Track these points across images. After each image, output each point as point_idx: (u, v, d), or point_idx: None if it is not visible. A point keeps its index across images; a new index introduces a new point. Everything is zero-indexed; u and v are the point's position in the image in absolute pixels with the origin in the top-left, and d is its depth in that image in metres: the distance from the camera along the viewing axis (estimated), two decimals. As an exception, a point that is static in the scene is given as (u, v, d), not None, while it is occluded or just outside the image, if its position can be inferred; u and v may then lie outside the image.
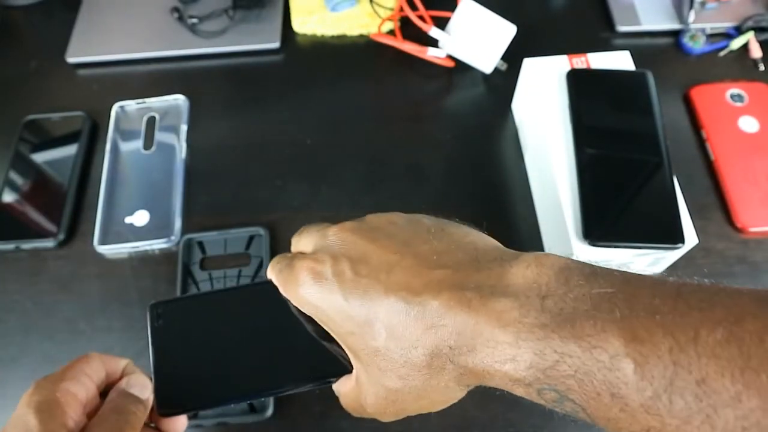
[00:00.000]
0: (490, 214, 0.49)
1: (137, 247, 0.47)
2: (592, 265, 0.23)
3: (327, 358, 0.29)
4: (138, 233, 0.48)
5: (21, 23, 0.63)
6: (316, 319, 0.28)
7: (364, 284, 0.25)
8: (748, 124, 0.52)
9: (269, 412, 0.41)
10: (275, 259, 0.29)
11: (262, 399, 0.39)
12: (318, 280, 0.26)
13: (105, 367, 0.30)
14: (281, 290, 0.28)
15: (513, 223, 0.49)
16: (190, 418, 0.40)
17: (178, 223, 0.48)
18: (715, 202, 0.49)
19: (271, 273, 0.29)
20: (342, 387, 0.29)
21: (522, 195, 0.50)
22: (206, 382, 0.31)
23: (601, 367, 0.20)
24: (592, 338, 0.20)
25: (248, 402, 0.37)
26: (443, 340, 0.23)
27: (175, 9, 0.60)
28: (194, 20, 0.59)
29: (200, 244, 0.48)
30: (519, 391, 0.23)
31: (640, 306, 0.20)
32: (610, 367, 0.19)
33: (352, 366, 0.28)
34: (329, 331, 0.27)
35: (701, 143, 0.52)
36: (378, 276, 0.25)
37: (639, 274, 0.22)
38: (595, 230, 0.40)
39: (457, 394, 0.26)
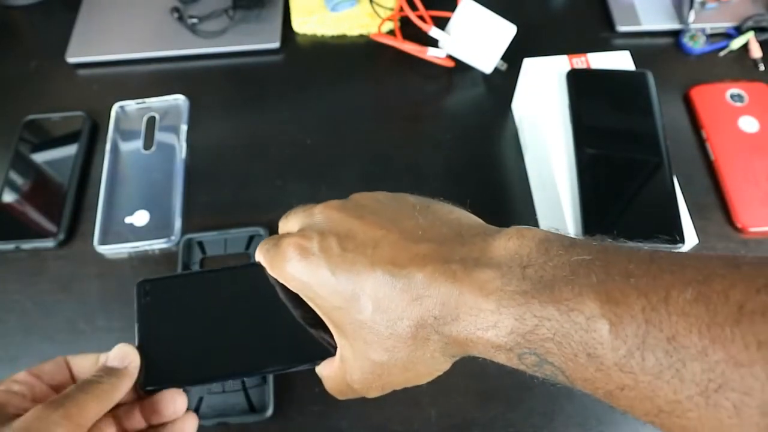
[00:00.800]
0: (490, 214, 0.49)
1: (137, 247, 0.47)
2: (571, 236, 0.24)
3: (311, 342, 0.29)
4: (138, 233, 0.48)
5: (21, 23, 0.63)
6: (302, 296, 0.28)
7: (350, 259, 0.25)
8: (748, 124, 0.52)
9: (269, 412, 0.41)
10: (263, 241, 0.30)
11: (244, 378, 0.38)
12: (305, 255, 0.26)
13: (70, 364, 0.31)
14: (269, 269, 0.29)
15: (513, 223, 0.49)
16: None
17: (178, 223, 0.48)
18: (715, 202, 0.49)
19: (259, 254, 0.29)
20: (325, 369, 0.30)
21: (522, 195, 0.50)
22: (190, 359, 0.31)
23: (578, 328, 0.20)
24: (569, 302, 0.21)
25: (231, 380, 0.36)
26: (428, 311, 0.24)
27: (175, 9, 0.60)
28: (194, 20, 0.59)
29: (200, 244, 0.48)
30: (501, 358, 0.23)
31: (616, 271, 0.21)
32: (587, 328, 0.20)
33: (335, 350, 0.29)
34: (315, 308, 0.28)
35: (701, 143, 0.52)
36: (364, 251, 0.25)
37: (615, 244, 0.23)
38: (595, 230, 0.40)
39: (441, 365, 0.26)
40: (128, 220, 0.49)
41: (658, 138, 0.43)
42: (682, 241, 0.39)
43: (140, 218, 0.49)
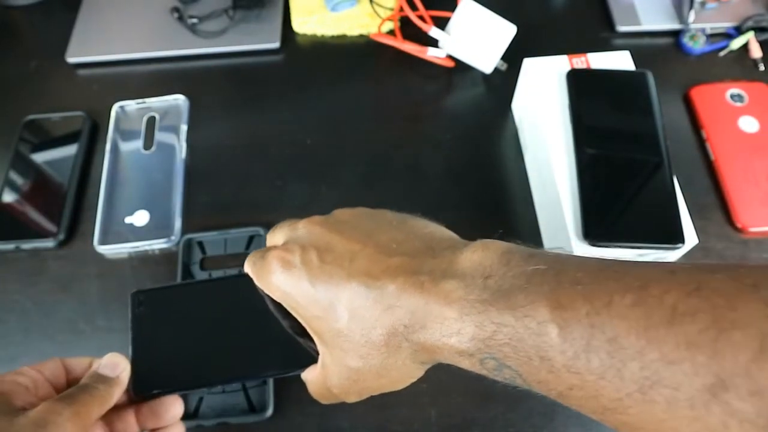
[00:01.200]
0: (490, 214, 0.49)
1: (137, 247, 0.47)
2: (532, 249, 0.25)
3: (297, 350, 0.31)
4: (138, 233, 0.48)
5: (21, 23, 0.63)
6: (286, 306, 0.29)
7: (328, 271, 0.27)
8: (748, 124, 0.52)
9: (269, 412, 0.41)
10: (251, 254, 0.31)
11: (232, 384, 0.39)
12: (287, 267, 0.28)
13: (66, 365, 0.32)
14: (255, 280, 0.30)
15: (513, 223, 0.49)
16: (189, 418, 0.40)
17: (178, 223, 0.48)
18: (715, 202, 0.49)
19: (247, 266, 0.31)
20: (309, 374, 0.32)
21: (522, 195, 0.50)
22: (181, 367, 0.33)
23: (530, 333, 0.22)
24: (523, 308, 0.22)
25: (219, 386, 0.37)
26: (399, 320, 0.25)
27: (175, 9, 0.60)
28: (194, 20, 0.59)
29: (200, 244, 0.48)
30: (465, 363, 0.25)
31: (566, 279, 0.22)
32: (538, 332, 0.22)
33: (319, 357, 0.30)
34: (298, 317, 0.29)
35: (701, 143, 0.52)
36: (342, 263, 0.27)
37: (571, 255, 0.25)
38: (595, 230, 0.40)
39: (414, 372, 0.28)
40: (128, 220, 0.49)
41: (658, 138, 0.43)
42: (682, 241, 0.39)
43: (140, 218, 0.49)
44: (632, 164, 0.42)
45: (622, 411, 0.21)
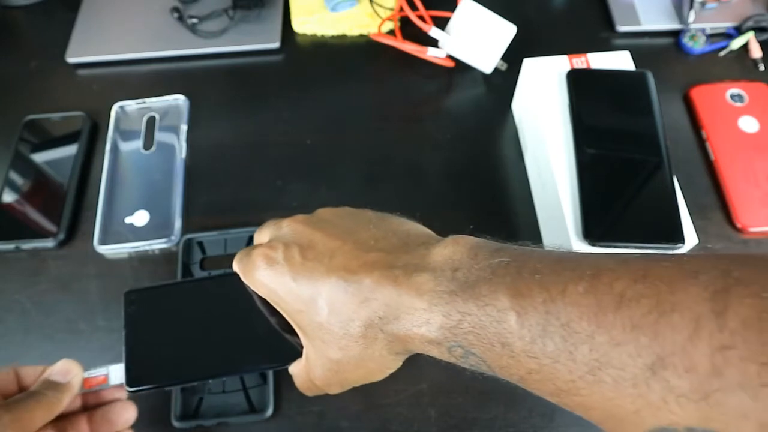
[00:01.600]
0: (489, 214, 0.49)
1: (137, 247, 0.47)
2: (500, 243, 0.27)
3: (284, 345, 0.32)
4: (138, 233, 0.48)
5: (21, 23, 0.63)
6: (270, 301, 0.30)
7: (310, 266, 0.28)
8: (748, 124, 0.52)
9: (269, 412, 0.41)
10: (239, 252, 0.33)
11: (222, 379, 0.40)
12: (271, 264, 0.29)
13: (19, 374, 0.34)
14: (242, 277, 0.31)
15: (513, 223, 0.49)
16: (189, 418, 0.40)
17: (178, 223, 0.48)
18: (715, 202, 0.49)
19: (235, 264, 0.32)
20: (295, 368, 0.33)
21: (522, 195, 0.50)
22: (172, 362, 0.35)
23: (492, 320, 0.23)
24: (486, 297, 0.24)
25: (209, 380, 0.39)
26: (374, 312, 0.27)
27: (175, 9, 0.60)
28: (194, 20, 0.59)
29: (200, 244, 0.48)
30: (434, 352, 0.26)
31: (527, 270, 0.24)
32: (499, 319, 0.23)
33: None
34: (282, 312, 0.30)
35: (701, 143, 0.52)
36: (322, 259, 0.28)
37: (536, 248, 0.26)
38: (595, 230, 0.40)
39: (390, 363, 0.29)
40: (128, 220, 0.49)
41: (658, 138, 0.43)
42: (682, 241, 0.39)
43: (140, 218, 0.49)
44: (632, 164, 0.42)
45: (576, 392, 0.22)
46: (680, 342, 0.19)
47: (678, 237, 0.39)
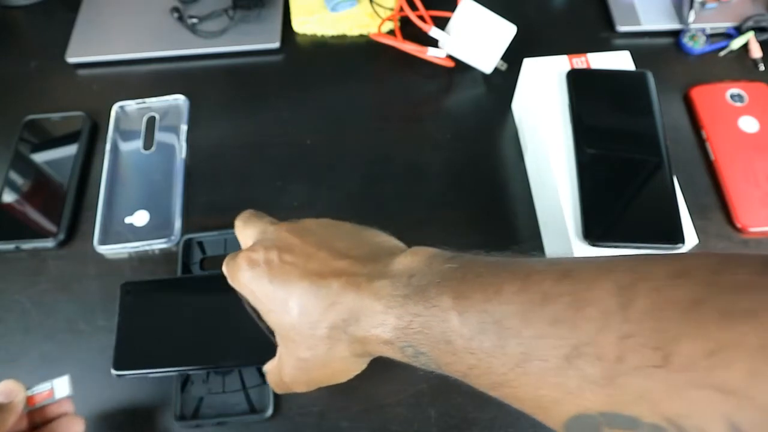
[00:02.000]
0: (490, 214, 0.49)
1: (137, 247, 0.47)
2: (454, 252, 0.29)
3: (265, 345, 0.34)
4: (138, 233, 0.48)
5: (21, 23, 0.63)
6: (250, 300, 0.33)
7: (286, 270, 0.30)
8: (748, 124, 0.52)
9: (269, 412, 0.41)
10: (228, 255, 0.35)
11: (203, 371, 0.41)
12: (252, 266, 0.32)
13: None
14: (228, 279, 0.34)
15: (513, 223, 0.49)
16: (189, 418, 0.40)
17: (178, 223, 0.48)
18: (715, 202, 0.49)
19: (223, 267, 0.34)
20: (268, 366, 0.35)
21: (522, 195, 0.50)
22: (157, 350, 0.38)
23: (437, 321, 0.26)
24: (433, 300, 0.26)
25: (190, 371, 0.40)
26: (339, 315, 0.29)
27: (175, 9, 0.60)
28: (194, 20, 0.59)
29: (200, 244, 0.48)
30: (390, 352, 0.28)
31: (471, 274, 0.26)
32: (443, 319, 0.25)
33: None
34: (259, 311, 0.33)
35: (701, 143, 0.52)
36: (297, 264, 0.30)
37: (485, 256, 0.28)
38: (595, 230, 0.40)
39: (353, 365, 0.32)
40: (128, 220, 0.49)
41: (658, 138, 0.43)
42: (682, 241, 0.39)
43: (140, 218, 0.49)
44: (632, 164, 0.42)
45: (508, 384, 0.24)
46: (592, 333, 0.21)
47: (678, 237, 0.39)
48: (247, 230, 0.35)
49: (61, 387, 0.35)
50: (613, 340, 0.20)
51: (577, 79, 0.46)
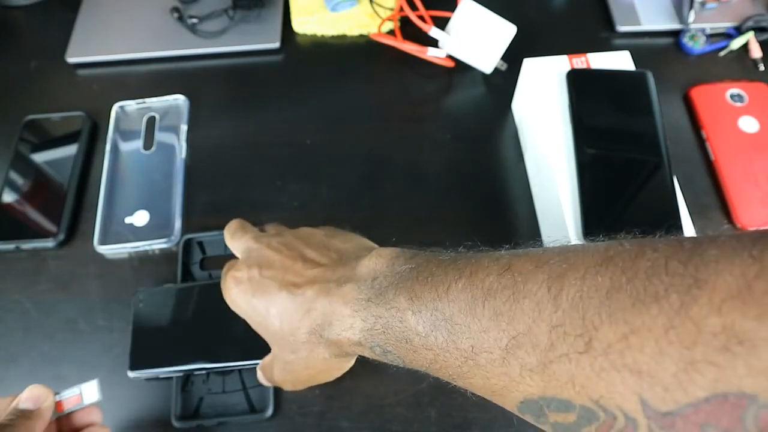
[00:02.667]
0: (490, 214, 0.49)
1: (137, 247, 0.47)
2: (414, 252, 0.30)
3: (261, 346, 0.35)
4: (138, 233, 0.48)
5: (21, 23, 0.63)
6: (241, 315, 0.35)
7: (266, 284, 0.33)
8: (748, 124, 0.52)
9: (269, 412, 0.41)
10: (222, 271, 0.37)
11: (210, 368, 0.42)
12: (237, 284, 0.34)
13: None
14: (224, 297, 0.36)
15: (513, 223, 0.49)
16: (189, 418, 0.40)
17: (178, 223, 0.48)
18: (715, 202, 0.49)
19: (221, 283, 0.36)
20: (261, 363, 0.38)
21: (522, 195, 0.50)
22: (168, 351, 0.41)
23: (396, 321, 0.27)
24: (391, 301, 0.27)
25: (197, 369, 0.42)
26: (314, 320, 0.31)
27: (175, 9, 0.60)
28: (194, 20, 0.59)
29: (200, 244, 0.48)
30: (362, 351, 0.30)
31: (424, 274, 0.27)
32: (400, 319, 0.27)
33: None
34: (249, 324, 0.35)
35: (701, 143, 0.52)
36: (276, 276, 0.32)
37: (440, 255, 0.29)
38: (595, 230, 0.40)
39: (336, 364, 0.33)
40: (128, 220, 0.49)
41: (658, 138, 0.43)
42: (682, 241, 0.39)
43: (140, 218, 0.49)
44: (632, 164, 0.42)
45: (463, 376, 0.25)
46: (528, 324, 0.22)
47: (678, 237, 0.39)
48: (234, 243, 0.38)
49: (89, 392, 0.34)
50: (545, 330, 0.22)
51: (577, 79, 0.46)
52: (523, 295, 0.23)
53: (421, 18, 0.56)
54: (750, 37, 0.57)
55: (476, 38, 0.54)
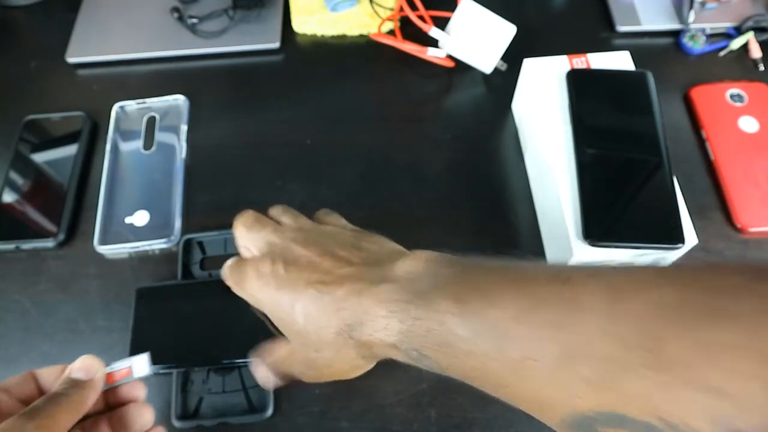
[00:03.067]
0: (490, 214, 0.49)
1: (137, 247, 0.47)
2: (454, 257, 0.30)
3: (263, 343, 0.35)
4: (138, 233, 0.48)
5: (21, 23, 0.63)
6: (258, 308, 0.34)
7: (292, 279, 0.31)
8: (748, 124, 0.52)
9: (269, 412, 0.41)
10: (227, 265, 0.35)
11: (211, 366, 0.42)
12: (259, 277, 0.32)
13: (37, 377, 0.33)
14: (233, 288, 0.35)
15: (513, 223, 0.49)
16: (189, 418, 0.40)
17: (178, 223, 0.48)
18: (715, 202, 0.49)
19: (226, 275, 0.35)
20: (277, 346, 0.35)
21: (522, 195, 0.50)
22: (171, 347, 0.41)
23: (437, 324, 0.26)
24: (433, 304, 0.27)
25: (201, 366, 0.42)
26: (343, 320, 0.29)
27: (175, 9, 0.60)
28: (194, 20, 0.59)
29: (200, 244, 0.48)
30: (395, 355, 0.29)
31: (469, 279, 0.27)
32: (443, 322, 0.26)
33: None
34: (269, 317, 0.34)
35: (701, 143, 0.52)
36: (302, 274, 0.31)
37: (484, 260, 0.29)
38: (595, 230, 0.40)
39: (361, 364, 0.32)
40: (128, 220, 0.49)
41: (658, 138, 0.43)
42: (682, 241, 0.39)
43: (140, 218, 0.49)
44: (632, 164, 0.42)
45: (507, 385, 0.25)
46: (584, 335, 0.22)
47: (678, 237, 0.39)
48: (251, 236, 0.35)
49: (140, 365, 0.34)
50: (604, 341, 0.21)
51: (577, 79, 0.46)
52: (582, 306, 0.23)
53: (421, 18, 0.56)
54: (750, 37, 0.57)
55: (476, 38, 0.54)
